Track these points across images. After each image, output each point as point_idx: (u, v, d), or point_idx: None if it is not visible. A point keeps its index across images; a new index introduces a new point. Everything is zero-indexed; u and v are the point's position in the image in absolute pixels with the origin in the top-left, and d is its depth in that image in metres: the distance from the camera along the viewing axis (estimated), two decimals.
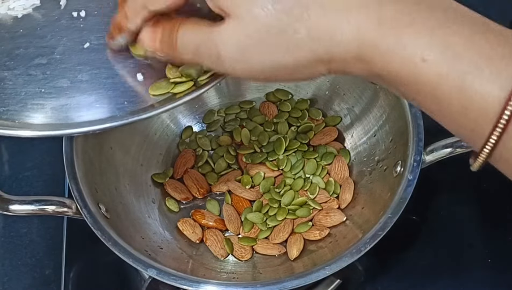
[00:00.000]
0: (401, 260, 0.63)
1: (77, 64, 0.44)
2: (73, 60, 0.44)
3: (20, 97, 0.43)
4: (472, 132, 0.35)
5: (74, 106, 0.42)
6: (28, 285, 0.63)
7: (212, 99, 0.69)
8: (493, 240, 0.64)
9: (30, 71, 0.44)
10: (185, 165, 0.65)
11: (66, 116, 0.42)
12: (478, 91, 0.33)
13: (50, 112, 0.42)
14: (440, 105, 0.35)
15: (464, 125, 0.35)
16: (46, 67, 0.44)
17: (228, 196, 0.63)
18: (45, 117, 0.42)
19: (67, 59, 0.44)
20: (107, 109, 0.42)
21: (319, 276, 0.50)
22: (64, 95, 0.43)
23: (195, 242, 0.60)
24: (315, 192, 0.62)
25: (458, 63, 0.33)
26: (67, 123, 0.42)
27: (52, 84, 0.43)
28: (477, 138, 0.34)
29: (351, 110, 0.66)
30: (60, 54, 0.44)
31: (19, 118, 0.42)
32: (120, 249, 0.51)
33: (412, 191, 0.53)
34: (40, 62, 0.44)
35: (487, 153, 0.34)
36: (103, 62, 0.44)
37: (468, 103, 0.33)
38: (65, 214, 0.54)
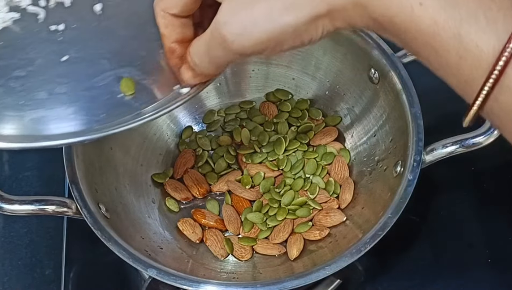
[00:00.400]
0: (401, 260, 0.63)
1: (55, 77, 0.44)
2: (52, 72, 0.44)
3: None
4: (466, 84, 0.34)
5: (52, 118, 0.42)
6: (28, 285, 0.63)
7: (212, 99, 0.69)
8: (493, 240, 0.64)
9: (9, 83, 0.44)
10: (185, 165, 0.65)
11: (44, 128, 0.42)
12: (474, 40, 0.33)
13: (28, 123, 0.42)
14: (437, 54, 0.35)
15: (459, 75, 0.34)
16: (25, 79, 0.44)
17: (228, 196, 0.63)
18: (23, 129, 0.42)
19: (45, 72, 0.44)
20: (85, 121, 0.42)
21: (319, 276, 0.50)
22: (42, 107, 0.43)
23: (195, 242, 0.60)
24: (315, 192, 0.62)
25: (456, 10, 0.33)
26: (45, 135, 0.42)
27: (30, 96, 0.43)
28: (470, 90, 0.34)
29: (351, 110, 0.66)
30: (39, 66, 0.44)
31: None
32: (120, 249, 0.51)
33: (412, 191, 0.53)
34: (19, 75, 0.44)
35: (478, 105, 0.34)
36: (81, 75, 0.44)
37: (464, 52, 0.33)
38: (65, 214, 0.54)
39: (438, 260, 0.63)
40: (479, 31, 0.33)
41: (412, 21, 0.34)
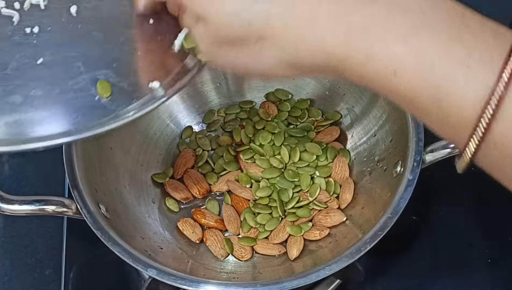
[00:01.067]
0: (401, 260, 0.63)
1: (30, 80, 0.43)
2: (26, 76, 0.44)
3: None
4: (453, 138, 0.34)
5: (28, 121, 0.42)
6: (28, 285, 0.63)
7: (212, 99, 0.69)
8: (493, 240, 0.64)
9: None
10: (185, 165, 0.65)
11: (19, 132, 0.41)
12: (455, 103, 0.32)
13: (3, 127, 0.42)
14: (420, 114, 0.34)
15: (445, 131, 0.34)
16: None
17: (228, 196, 0.63)
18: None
19: (20, 75, 0.44)
20: (62, 124, 0.42)
21: (319, 276, 0.50)
22: (17, 111, 0.42)
23: (195, 242, 0.60)
24: (314, 194, 0.62)
25: (432, 75, 0.32)
26: (20, 138, 0.41)
27: (5, 100, 0.43)
28: (458, 143, 0.34)
29: (351, 110, 0.66)
30: (13, 70, 0.44)
31: None
32: (120, 249, 0.51)
33: (412, 191, 0.53)
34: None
35: (468, 158, 0.33)
36: (56, 78, 0.44)
37: (446, 113, 0.32)
38: (65, 214, 0.54)
39: (438, 260, 0.63)
40: (459, 93, 0.32)
41: (390, 88, 0.34)
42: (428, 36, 0.32)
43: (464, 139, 0.33)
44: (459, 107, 0.32)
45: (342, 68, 0.34)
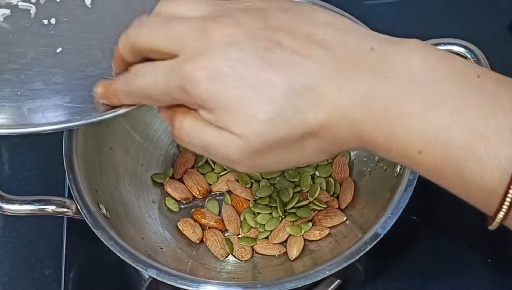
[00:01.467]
0: (401, 260, 0.63)
1: (50, 68, 0.45)
2: (46, 64, 0.45)
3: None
4: (481, 207, 0.35)
5: (49, 107, 0.43)
6: (28, 285, 0.63)
7: None
8: (493, 240, 0.64)
9: (4, 75, 0.45)
10: (185, 165, 0.65)
11: (42, 116, 0.43)
12: (478, 176, 0.32)
13: (26, 113, 0.43)
14: (445, 185, 0.35)
15: (472, 201, 0.35)
16: (20, 71, 0.45)
17: (228, 197, 0.63)
18: (21, 119, 0.43)
19: (40, 64, 0.45)
20: (82, 109, 0.43)
21: (319, 276, 0.50)
22: (39, 97, 0.44)
23: (195, 242, 0.60)
24: (314, 194, 0.62)
25: (454, 150, 0.33)
26: (44, 123, 0.43)
27: (26, 86, 0.44)
28: (487, 210, 0.35)
29: None
30: (33, 59, 0.45)
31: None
32: (120, 249, 0.51)
33: (412, 191, 0.53)
34: (14, 67, 0.45)
35: (498, 223, 0.35)
36: (75, 65, 0.45)
37: (470, 187, 0.33)
38: (65, 214, 0.54)
39: (438, 260, 0.63)
40: (483, 168, 0.32)
41: (413, 165, 0.35)
42: (445, 109, 0.33)
43: (493, 207, 0.33)
44: (483, 180, 0.33)
45: (372, 148, 0.36)
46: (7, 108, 0.43)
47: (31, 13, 0.47)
